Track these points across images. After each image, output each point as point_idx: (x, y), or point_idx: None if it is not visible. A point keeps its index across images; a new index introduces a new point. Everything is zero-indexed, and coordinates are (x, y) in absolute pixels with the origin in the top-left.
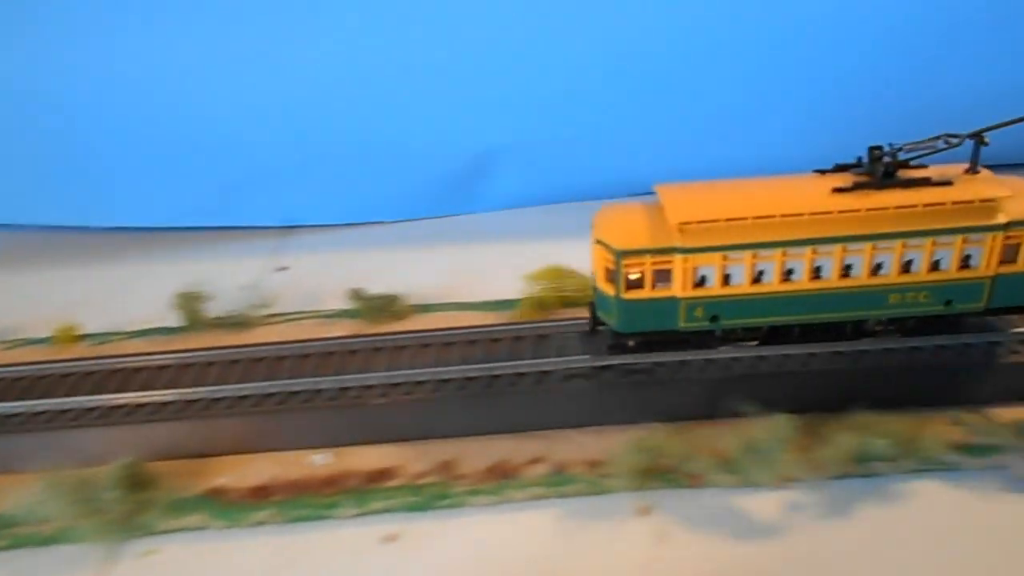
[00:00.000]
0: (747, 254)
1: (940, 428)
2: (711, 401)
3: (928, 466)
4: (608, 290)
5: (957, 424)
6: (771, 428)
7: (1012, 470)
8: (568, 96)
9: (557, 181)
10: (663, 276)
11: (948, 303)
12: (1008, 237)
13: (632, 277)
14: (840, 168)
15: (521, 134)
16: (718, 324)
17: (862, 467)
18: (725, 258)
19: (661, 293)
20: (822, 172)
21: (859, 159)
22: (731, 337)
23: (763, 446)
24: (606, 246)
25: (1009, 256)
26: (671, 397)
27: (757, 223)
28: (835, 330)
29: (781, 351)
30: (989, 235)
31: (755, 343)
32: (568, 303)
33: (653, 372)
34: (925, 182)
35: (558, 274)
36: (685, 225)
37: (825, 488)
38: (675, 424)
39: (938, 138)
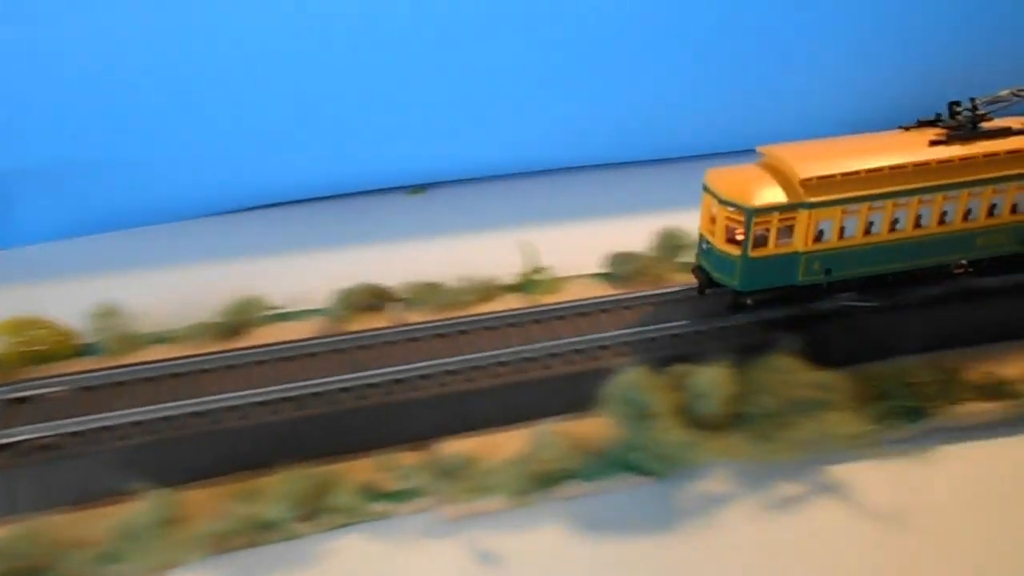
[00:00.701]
0: (863, 206)
1: (360, 475)
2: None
3: (351, 520)
4: (730, 250)
5: (380, 470)
6: (147, 507)
7: (433, 512)
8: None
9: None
10: (785, 232)
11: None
12: None
13: (760, 234)
14: (923, 124)
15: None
16: (831, 276)
17: (275, 532)
18: (844, 211)
19: (784, 249)
20: (905, 128)
21: (938, 115)
22: (837, 288)
23: (139, 529)
24: (735, 205)
25: None
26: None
27: (870, 176)
28: (926, 275)
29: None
30: None
31: (854, 294)
32: (41, 358)
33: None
34: (1006, 132)
35: (24, 326)
36: (809, 181)
37: (227, 563)
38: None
39: (1009, 92)
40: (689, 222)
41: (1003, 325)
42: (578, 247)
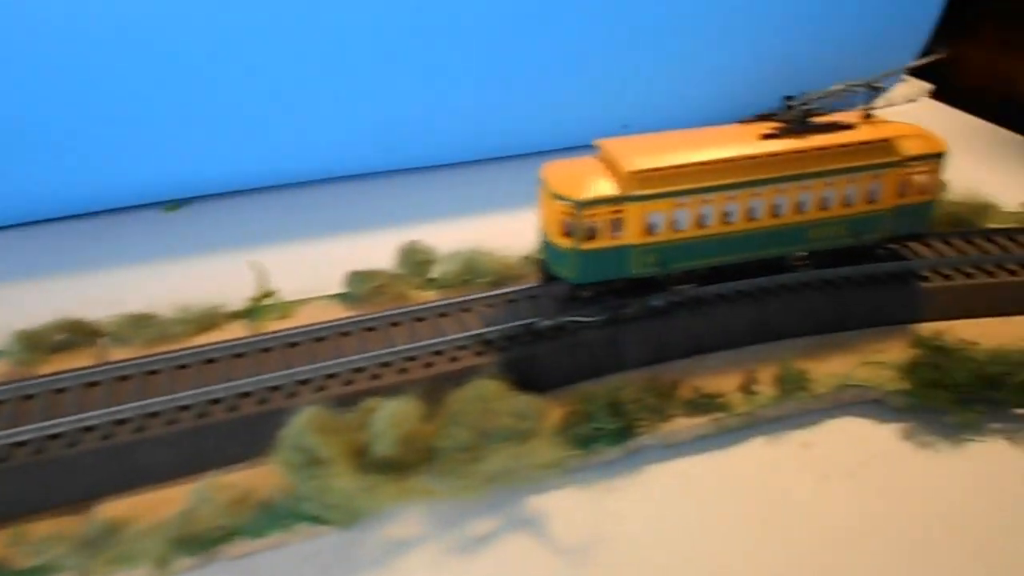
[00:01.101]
0: (693, 199)
1: None
2: None
3: None
4: (564, 243)
5: (12, 544)
6: None
7: None
8: None
9: None
10: (617, 225)
11: (857, 235)
12: (902, 173)
13: (589, 227)
14: (761, 117)
15: None
16: (667, 268)
17: None
18: (674, 204)
19: (616, 242)
20: (745, 122)
21: (775, 109)
22: (675, 280)
23: None
24: (563, 198)
25: (903, 190)
26: None
27: (701, 169)
28: (764, 266)
29: None
30: (888, 171)
31: (694, 285)
32: None
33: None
34: (834, 126)
35: None
36: (637, 174)
37: None
38: None
39: (842, 87)
40: (434, 234)
41: (722, 334)
42: (333, 262)
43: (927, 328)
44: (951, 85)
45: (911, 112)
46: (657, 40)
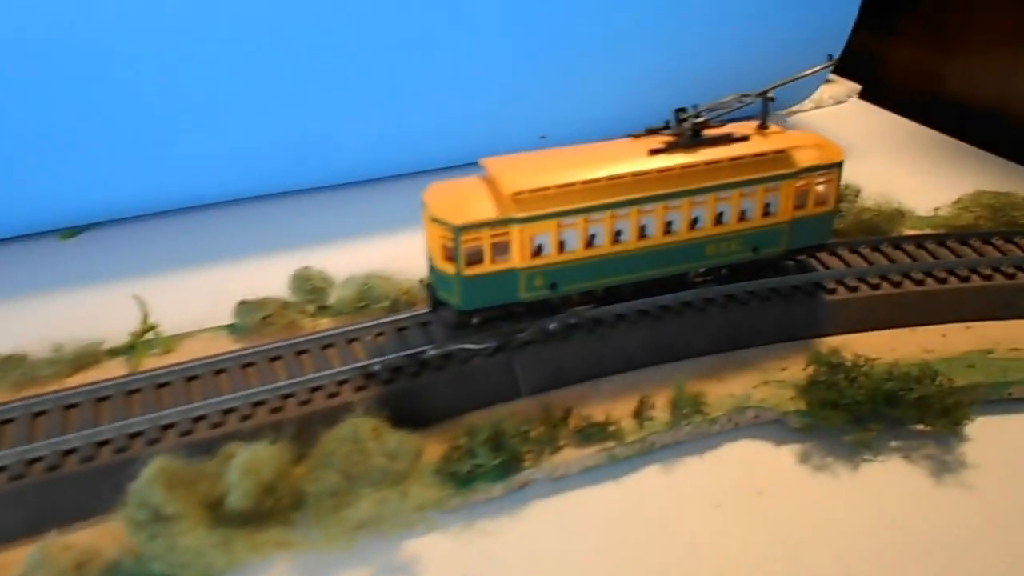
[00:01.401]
0: (580, 219)
1: None
2: None
3: None
4: (447, 269)
5: None
6: None
7: None
8: None
9: None
10: (501, 249)
11: (755, 249)
12: (799, 184)
13: (471, 251)
14: (651, 131)
15: None
16: (557, 291)
17: None
18: (559, 224)
19: (501, 266)
20: (635, 136)
21: (666, 122)
22: (569, 303)
23: None
24: (442, 223)
25: (800, 201)
26: None
27: (586, 188)
28: (664, 284)
29: None
30: (784, 183)
31: (592, 306)
32: None
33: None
34: (727, 139)
35: None
36: (519, 195)
37: None
38: None
39: (733, 99)
40: (337, 257)
41: (621, 356)
42: (225, 291)
43: (827, 343)
44: (879, 85)
45: (839, 113)
46: (574, 49)
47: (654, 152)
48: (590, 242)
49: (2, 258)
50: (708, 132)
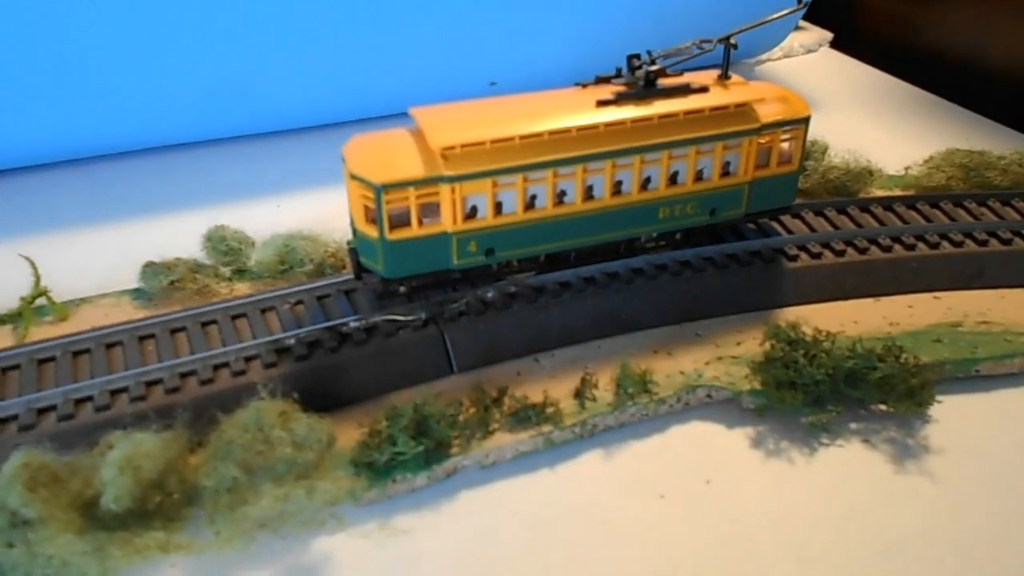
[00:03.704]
0: (518, 177)
1: None
2: None
3: None
4: (370, 232)
5: None
6: None
7: None
8: None
9: None
10: (430, 210)
11: (712, 212)
12: (761, 141)
13: (395, 213)
14: (601, 80)
15: None
16: (494, 258)
17: None
18: (495, 184)
19: (430, 230)
20: (583, 85)
21: (619, 70)
22: (508, 270)
23: None
24: (363, 181)
25: (762, 160)
26: None
27: (525, 143)
28: (612, 250)
29: None
30: (745, 140)
31: (533, 273)
32: None
33: None
34: (684, 90)
35: None
36: (449, 150)
37: None
38: None
39: (692, 44)
40: (247, 216)
41: (564, 329)
42: (133, 250)
43: (788, 316)
44: (852, 33)
45: (809, 63)
46: None
47: (602, 103)
48: (530, 204)
49: None
50: (663, 82)
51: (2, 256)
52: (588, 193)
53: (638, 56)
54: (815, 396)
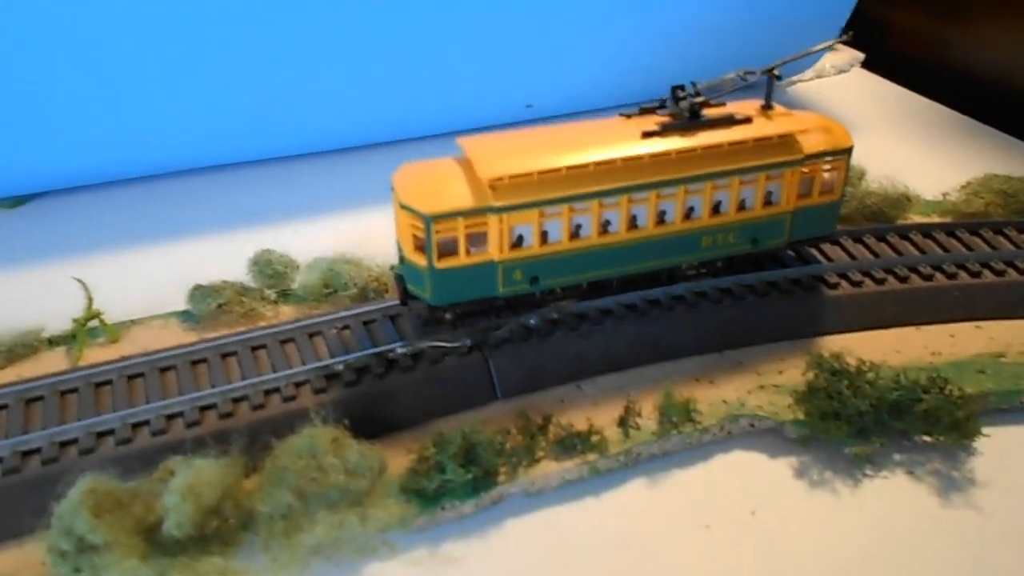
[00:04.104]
0: (564, 208)
1: None
2: None
3: None
4: (418, 260)
5: None
6: None
7: None
8: None
9: None
10: (478, 239)
11: (755, 241)
12: (804, 171)
13: (444, 242)
14: (646, 111)
15: None
16: (539, 286)
17: None
18: (542, 214)
19: (477, 258)
20: (628, 116)
21: (662, 101)
22: (551, 298)
23: None
24: (412, 211)
25: (805, 190)
26: None
27: (571, 174)
28: (652, 278)
29: None
30: (788, 170)
31: (575, 301)
32: None
33: None
34: (728, 121)
35: None
36: (498, 181)
37: None
38: None
39: (736, 76)
40: (293, 237)
41: (607, 356)
42: (180, 272)
43: (830, 344)
44: (884, 53)
45: (841, 84)
46: (563, 10)
47: (647, 135)
48: (576, 233)
49: None
50: (707, 112)
51: (52, 277)
52: (632, 222)
53: (682, 87)
54: (859, 427)
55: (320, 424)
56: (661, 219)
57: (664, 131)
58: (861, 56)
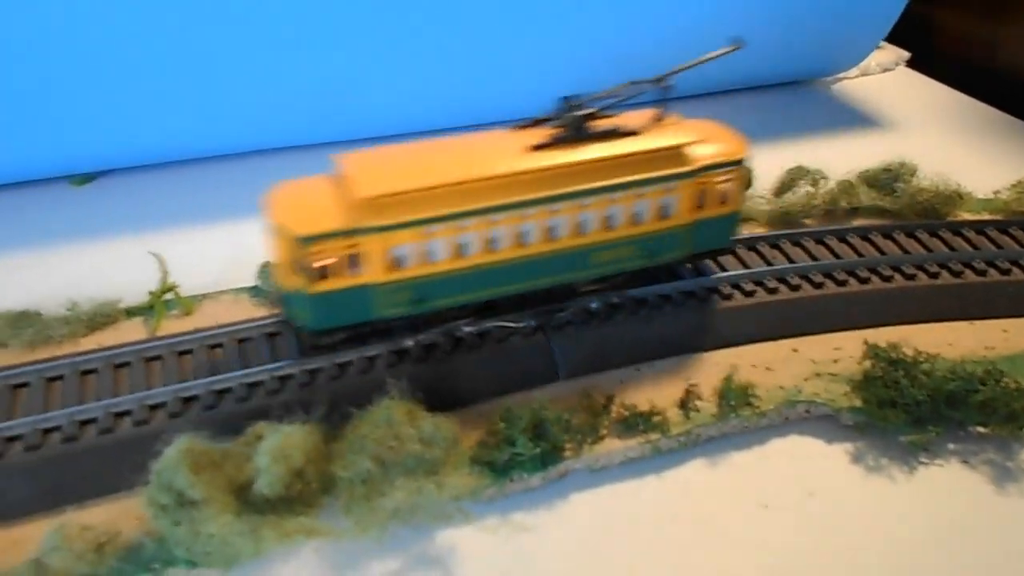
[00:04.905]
0: (447, 226)
1: None
2: None
3: None
4: (294, 284)
5: None
6: None
7: None
8: None
9: None
10: (355, 261)
11: (651, 255)
12: (699, 183)
13: (318, 266)
14: (537, 122)
15: None
16: (424, 307)
17: None
18: (423, 233)
19: (354, 280)
20: (518, 127)
21: (555, 111)
22: (441, 318)
23: None
24: (285, 232)
25: (701, 202)
26: None
27: (454, 190)
28: (546, 297)
29: None
30: (680, 183)
31: (468, 320)
32: None
33: None
34: (616, 133)
35: None
36: (375, 200)
37: None
38: None
39: (626, 86)
40: None
41: (663, 342)
42: (250, 248)
43: (886, 335)
44: (930, 52)
45: (886, 82)
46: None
47: (536, 148)
48: (460, 252)
49: (13, 203)
50: (596, 124)
51: (130, 248)
52: (520, 239)
53: (573, 98)
54: (916, 416)
55: (396, 396)
56: (551, 235)
57: (552, 144)
58: (907, 55)
